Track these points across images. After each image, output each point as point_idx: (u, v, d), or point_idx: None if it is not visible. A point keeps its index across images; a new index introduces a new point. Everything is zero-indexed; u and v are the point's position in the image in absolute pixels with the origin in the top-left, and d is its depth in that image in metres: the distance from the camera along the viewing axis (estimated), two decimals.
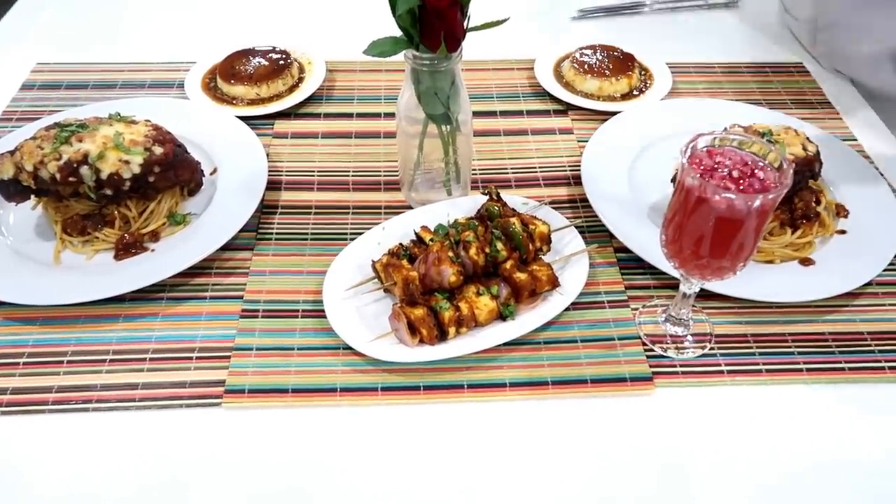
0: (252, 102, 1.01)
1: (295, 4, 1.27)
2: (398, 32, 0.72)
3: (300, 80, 1.05)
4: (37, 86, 1.06)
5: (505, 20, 0.73)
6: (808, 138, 0.83)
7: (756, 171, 0.60)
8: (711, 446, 0.66)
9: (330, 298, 0.74)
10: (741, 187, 0.59)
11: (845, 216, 0.85)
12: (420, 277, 0.72)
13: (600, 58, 1.07)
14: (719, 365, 0.72)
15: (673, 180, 0.86)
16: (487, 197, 0.82)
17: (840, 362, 0.72)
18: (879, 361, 0.72)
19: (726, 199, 0.58)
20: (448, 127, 0.80)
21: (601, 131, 0.95)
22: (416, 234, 0.79)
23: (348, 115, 1.02)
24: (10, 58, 1.11)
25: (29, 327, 0.74)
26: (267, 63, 1.04)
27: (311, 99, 1.03)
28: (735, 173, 0.60)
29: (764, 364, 0.72)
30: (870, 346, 0.73)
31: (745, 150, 0.62)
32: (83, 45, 1.15)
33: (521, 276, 0.73)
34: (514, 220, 0.76)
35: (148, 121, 0.84)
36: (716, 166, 0.61)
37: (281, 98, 1.02)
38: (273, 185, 0.90)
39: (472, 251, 0.73)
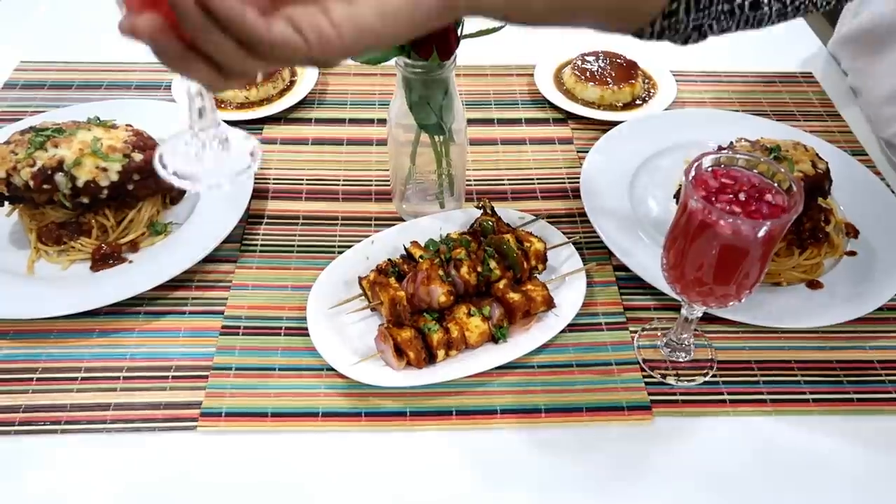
0: (241, 106, 0.98)
1: None
2: None
3: (292, 83, 1.02)
4: (19, 85, 1.02)
5: (501, 27, 0.69)
6: (817, 155, 0.79)
7: (765, 193, 0.57)
8: (713, 479, 0.62)
9: (314, 317, 0.70)
10: (749, 211, 0.56)
11: (855, 236, 0.81)
12: (408, 297, 0.68)
13: (602, 65, 1.03)
14: (721, 393, 0.68)
15: (676, 197, 0.82)
16: (481, 211, 0.78)
17: (848, 392, 0.69)
18: (890, 392, 0.68)
19: (732, 224, 0.54)
20: (441, 137, 0.76)
21: (602, 142, 0.91)
22: (405, 249, 0.75)
23: (340, 121, 0.98)
24: None
25: None
26: None
27: (302, 103, 0.99)
28: (742, 196, 0.57)
29: (768, 393, 0.68)
30: (880, 375, 0.70)
31: (752, 171, 0.59)
32: (69, 43, 1.11)
33: (514, 297, 0.70)
34: (508, 236, 0.73)
35: (129, 125, 0.81)
36: (721, 188, 0.58)
37: (271, 102, 0.98)
38: (259, 194, 0.86)
39: (464, 270, 0.70)
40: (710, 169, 0.59)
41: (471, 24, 0.69)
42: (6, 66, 1.05)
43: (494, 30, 0.69)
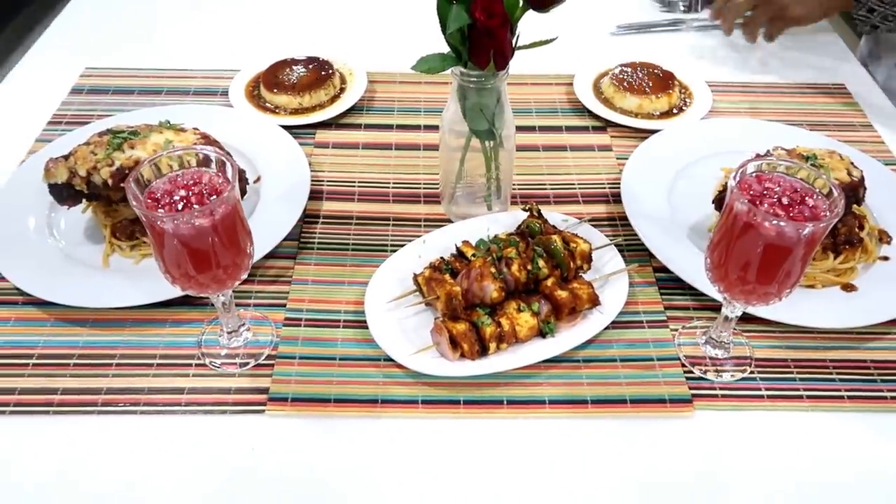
0: (294, 112, 1.03)
1: (337, 15, 1.28)
2: (441, 46, 0.73)
3: (342, 90, 1.07)
4: (85, 90, 1.08)
5: (553, 39, 0.74)
6: (852, 163, 0.82)
7: (806, 198, 0.60)
8: (751, 471, 0.66)
9: (372, 310, 0.74)
10: (791, 214, 0.59)
11: (888, 242, 0.84)
12: (462, 292, 0.72)
13: (640, 75, 1.07)
14: (759, 389, 0.72)
15: (714, 202, 0.86)
16: (528, 213, 0.82)
17: (882, 391, 0.72)
18: None
19: (776, 226, 0.58)
20: (491, 143, 0.81)
21: (641, 149, 0.95)
22: (457, 248, 0.79)
23: (388, 127, 1.03)
24: (60, 62, 1.14)
25: (80, 328, 0.75)
26: (309, 73, 1.06)
27: (351, 109, 1.04)
28: (784, 200, 0.60)
29: (805, 390, 0.72)
30: None
31: (793, 177, 0.63)
32: (130, 50, 1.17)
33: (562, 294, 0.73)
34: (555, 237, 0.77)
35: (196, 129, 0.86)
36: (765, 192, 0.61)
37: (323, 108, 1.03)
38: (314, 195, 0.91)
39: (515, 268, 0.74)
40: (754, 174, 0.62)
41: (525, 35, 0.74)
42: (73, 73, 1.11)
43: (548, 41, 0.73)
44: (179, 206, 0.59)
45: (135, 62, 1.14)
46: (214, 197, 0.59)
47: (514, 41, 0.73)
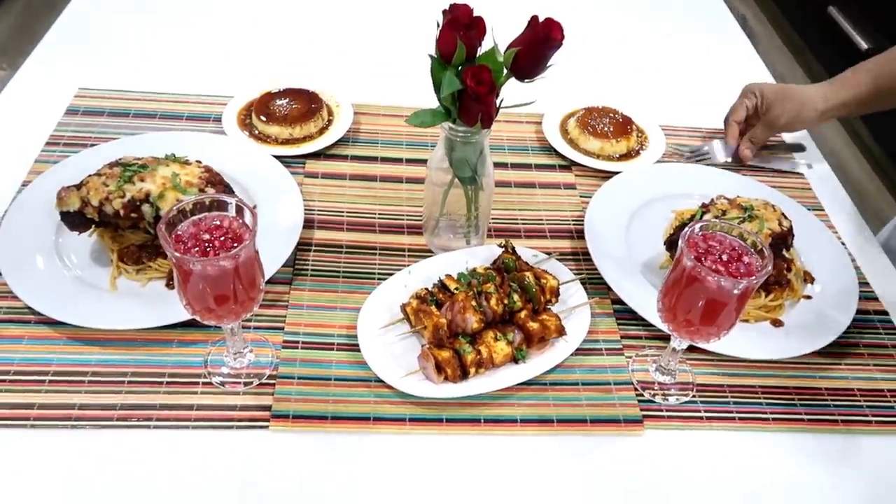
0: (286, 142, 1.10)
1: (324, 46, 1.35)
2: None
3: (329, 122, 1.14)
4: (81, 111, 1.13)
5: (531, 102, 0.84)
6: (783, 214, 0.95)
7: (743, 255, 0.72)
8: (691, 482, 0.77)
9: (364, 336, 0.83)
10: (730, 270, 0.71)
11: (811, 282, 0.97)
12: (447, 323, 0.82)
13: (602, 119, 1.18)
14: (699, 411, 0.83)
15: (665, 243, 0.97)
16: (503, 249, 0.92)
17: (800, 414, 0.84)
18: (834, 415, 0.84)
19: (717, 280, 0.69)
20: (472, 186, 0.90)
21: (602, 191, 1.06)
22: (441, 280, 0.88)
23: (373, 159, 1.11)
24: (52, 80, 1.18)
25: (91, 347, 0.81)
26: (300, 105, 1.13)
27: (339, 141, 1.12)
28: (724, 257, 0.72)
29: (737, 412, 0.83)
30: (826, 401, 0.86)
31: (732, 235, 0.74)
32: (123, 71, 1.22)
33: (533, 325, 0.83)
34: (528, 273, 0.87)
35: (199, 161, 0.93)
36: (709, 249, 0.72)
37: (312, 139, 1.11)
38: (307, 223, 0.98)
39: (493, 301, 0.83)
40: (700, 233, 0.74)
41: (509, 98, 0.83)
42: (66, 91, 1.15)
43: (527, 104, 0.83)
44: (206, 248, 0.67)
45: (128, 84, 1.19)
46: (236, 243, 0.67)
47: (498, 102, 0.82)
